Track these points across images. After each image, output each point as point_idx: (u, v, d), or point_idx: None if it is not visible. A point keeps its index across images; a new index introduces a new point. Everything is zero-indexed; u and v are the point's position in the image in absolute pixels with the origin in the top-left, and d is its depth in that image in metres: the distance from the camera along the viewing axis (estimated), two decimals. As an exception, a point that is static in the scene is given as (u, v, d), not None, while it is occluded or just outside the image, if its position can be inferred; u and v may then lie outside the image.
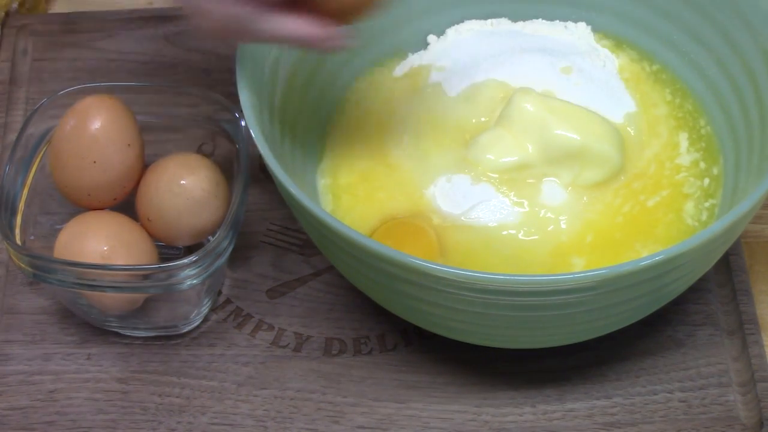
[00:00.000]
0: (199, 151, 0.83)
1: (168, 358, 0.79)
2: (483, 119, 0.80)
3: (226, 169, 0.80)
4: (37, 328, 0.80)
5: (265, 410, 0.77)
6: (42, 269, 0.74)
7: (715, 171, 0.79)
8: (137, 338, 0.79)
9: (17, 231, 0.77)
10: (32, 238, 0.79)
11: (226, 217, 0.75)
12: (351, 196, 0.79)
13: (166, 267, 0.73)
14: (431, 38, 0.86)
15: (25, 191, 0.79)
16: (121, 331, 0.79)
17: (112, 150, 0.77)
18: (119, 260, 0.75)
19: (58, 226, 0.79)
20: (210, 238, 0.79)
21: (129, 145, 0.77)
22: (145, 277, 0.74)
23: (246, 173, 0.77)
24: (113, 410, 0.77)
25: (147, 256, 0.76)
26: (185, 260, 0.73)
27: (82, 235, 0.76)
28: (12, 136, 0.87)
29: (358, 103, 0.83)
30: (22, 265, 0.74)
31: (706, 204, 0.77)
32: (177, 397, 0.77)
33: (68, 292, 0.76)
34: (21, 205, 0.78)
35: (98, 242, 0.75)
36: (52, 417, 0.77)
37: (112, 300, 0.76)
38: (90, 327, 0.80)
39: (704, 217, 0.77)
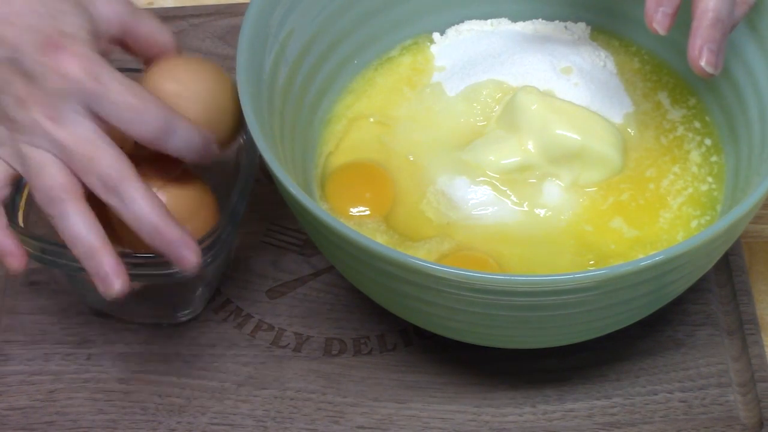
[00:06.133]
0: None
1: (168, 358, 0.79)
2: (483, 119, 0.80)
3: (233, 161, 0.79)
4: (37, 328, 0.80)
5: (265, 410, 0.77)
6: (43, 251, 0.74)
7: (715, 170, 0.79)
8: (137, 338, 0.79)
9: (20, 213, 0.77)
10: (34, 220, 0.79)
11: (226, 208, 0.75)
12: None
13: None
14: (435, 36, 0.86)
15: None
16: (120, 316, 0.79)
17: None
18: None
19: None
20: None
21: None
22: (143, 265, 0.74)
23: (251, 164, 0.76)
24: (113, 410, 0.77)
25: None
26: None
27: None
28: (12, 136, 0.87)
29: (358, 103, 0.83)
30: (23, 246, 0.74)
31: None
32: (177, 397, 0.77)
33: (66, 274, 0.76)
34: (26, 188, 0.78)
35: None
36: (52, 417, 0.77)
37: None
38: (90, 327, 0.80)
39: (705, 218, 0.77)
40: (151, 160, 0.73)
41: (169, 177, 0.74)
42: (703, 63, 0.68)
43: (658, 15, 0.69)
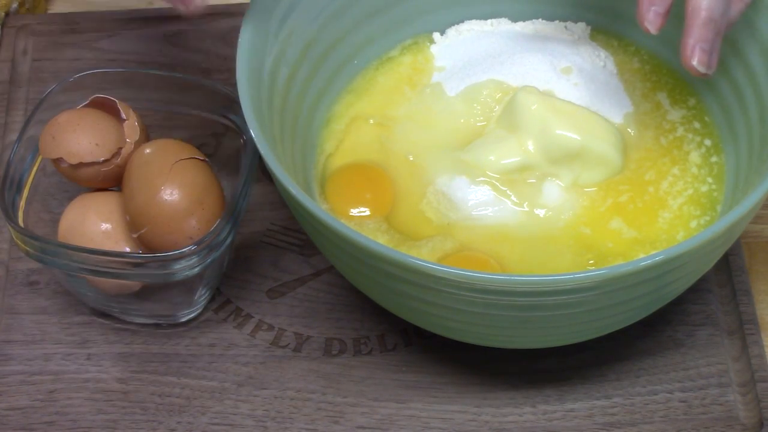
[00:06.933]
0: (200, 147, 0.83)
1: (168, 358, 0.79)
2: (483, 119, 0.80)
3: (233, 161, 0.79)
4: (37, 328, 0.80)
5: (265, 410, 0.77)
6: (43, 251, 0.74)
7: (715, 170, 0.79)
8: (137, 339, 0.79)
9: (20, 213, 0.77)
10: (35, 219, 0.79)
11: (226, 207, 0.75)
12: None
13: (165, 256, 0.73)
14: (435, 36, 0.86)
15: (34, 169, 0.79)
16: (120, 316, 0.79)
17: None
18: (120, 239, 0.76)
19: (57, 211, 0.79)
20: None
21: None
22: (143, 265, 0.74)
23: (252, 164, 0.76)
24: (113, 410, 0.77)
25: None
26: (184, 249, 0.73)
27: (84, 215, 0.76)
28: (12, 136, 0.87)
29: (358, 103, 0.83)
30: (23, 246, 0.74)
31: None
32: (177, 397, 0.77)
33: (66, 273, 0.77)
34: (27, 185, 0.78)
35: (100, 221, 0.76)
36: (52, 417, 0.77)
37: (109, 282, 0.76)
38: (90, 327, 0.80)
39: (705, 219, 0.77)
40: (161, 144, 0.74)
41: (178, 159, 0.74)
42: (695, 62, 0.68)
43: (650, 14, 0.69)
